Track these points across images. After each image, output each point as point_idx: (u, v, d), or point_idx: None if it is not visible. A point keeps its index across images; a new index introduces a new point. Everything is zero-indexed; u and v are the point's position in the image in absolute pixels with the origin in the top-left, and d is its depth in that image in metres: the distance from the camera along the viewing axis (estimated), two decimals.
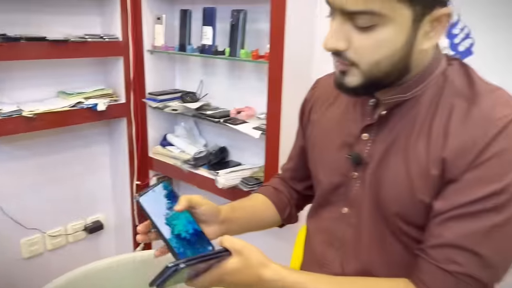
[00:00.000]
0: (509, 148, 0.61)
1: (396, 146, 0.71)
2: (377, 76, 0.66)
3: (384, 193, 0.71)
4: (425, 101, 0.69)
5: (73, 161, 2.26)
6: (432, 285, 0.65)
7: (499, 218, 0.61)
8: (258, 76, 1.92)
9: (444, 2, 0.62)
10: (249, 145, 2.03)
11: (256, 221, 0.94)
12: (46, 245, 2.23)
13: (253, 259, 0.66)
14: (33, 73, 2.01)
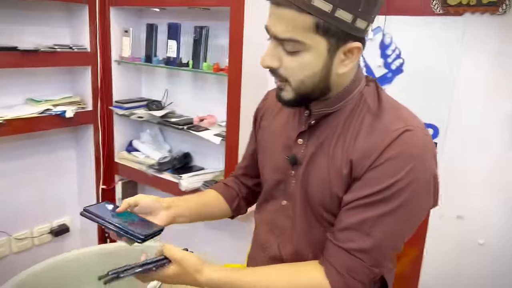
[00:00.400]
0: (399, 154, 0.76)
1: (321, 149, 0.87)
2: (304, 92, 0.81)
3: (311, 188, 0.88)
4: (344, 114, 0.85)
5: (41, 166, 2.34)
6: (334, 262, 0.81)
7: (387, 207, 0.76)
8: (219, 87, 2.08)
9: (355, 37, 0.77)
10: (211, 151, 2.17)
11: (206, 210, 1.07)
12: (12, 248, 2.28)
13: (189, 267, 0.81)
14: (3, 80, 2.08)
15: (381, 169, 0.77)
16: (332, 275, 0.80)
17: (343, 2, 0.72)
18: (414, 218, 0.81)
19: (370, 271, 0.79)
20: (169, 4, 1.98)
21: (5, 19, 2.03)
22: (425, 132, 0.80)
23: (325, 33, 0.74)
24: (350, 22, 0.74)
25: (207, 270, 0.83)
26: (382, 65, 1.60)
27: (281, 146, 0.96)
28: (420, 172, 0.76)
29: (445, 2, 1.43)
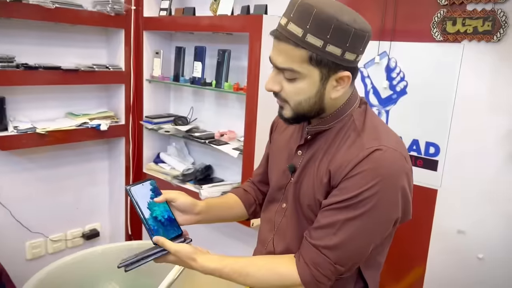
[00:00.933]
0: (368, 169, 0.86)
1: (311, 161, 1.00)
2: (301, 112, 0.95)
3: (301, 193, 1.01)
4: (334, 131, 0.98)
5: (76, 174, 2.56)
6: (305, 256, 0.93)
7: (354, 213, 0.87)
8: (239, 105, 2.24)
9: (345, 67, 0.90)
10: (230, 164, 2.33)
11: (227, 214, 1.23)
12: (48, 249, 2.50)
13: (183, 256, 0.95)
14: (46, 96, 2.32)
15: (353, 180, 0.88)
16: (301, 267, 0.92)
17: (332, 38, 0.84)
18: (378, 225, 0.91)
19: (334, 267, 0.90)
20: (196, 30, 2.18)
21: (51, 41, 2.28)
22: (396, 152, 0.90)
23: (318, 64, 0.88)
24: (339, 55, 0.87)
25: (200, 258, 0.96)
26: (387, 87, 1.72)
27: (285, 156, 1.09)
28: (385, 186, 0.87)
29: (444, 30, 1.54)
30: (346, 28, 0.84)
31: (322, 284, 0.91)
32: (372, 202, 0.86)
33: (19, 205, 2.31)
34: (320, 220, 0.92)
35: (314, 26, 0.84)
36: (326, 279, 0.91)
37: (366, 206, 0.87)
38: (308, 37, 0.85)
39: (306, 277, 0.91)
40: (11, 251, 2.32)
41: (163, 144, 2.66)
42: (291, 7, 0.88)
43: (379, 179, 0.86)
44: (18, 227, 2.33)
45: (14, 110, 2.20)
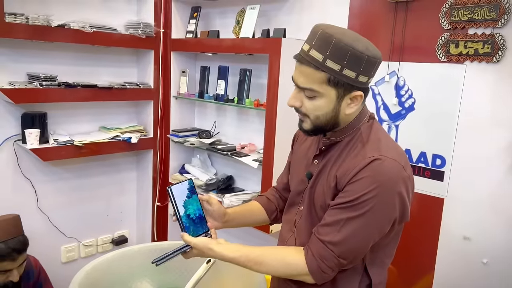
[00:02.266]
0: (368, 176, 0.99)
1: (324, 168, 1.15)
2: (319, 125, 1.10)
3: (315, 196, 1.15)
4: (344, 143, 1.13)
5: (107, 184, 2.75)
6: (313, 249, 1.06)
7: (355, 213, 1.00)
8: (259, 120, 2.40)
9: (358, 88, 1.05)
10: (251, 175, 2.48)
11: (249, 221, 1.39)
12: (81, 253, 2.68)
13: (203, 248, 1.09)
14: (82, 111, 2.54)
15: (355, 185, 1.02)
16: (309, 259, 1.05)
17: (348, 64, 0.99)
18: (377, 224, 1.04)
19: (338, 260, 1.04)
20: (220, 51, 2.37)
21: (88, 62, 2.50)
22: (394, 162, 1.03)
23: (335, 85, 1.02)
24: (354, 77, 1.01)
25: (217, 248, 1.09)
26: (397, 103, 1.86)
27: (303, 165, 1.24)
28: (383, 190, 1.00)
29: (448, 52, 1.68)
30: (360, 55, 0.98)
31: (326, 274, 1.05)
32: (371, 204, 1.00)
33: (56, 212, 2.51)
34: (326, 218, 1.06)
35: (333, 53, 0.98)
36: (330, 270, 1.04)
37: (366, 207, 1.00)
38: (328, 62, 0.99)
39: (313, 267, 1.04)
40: (49, 254, 2.51)
41: (187, 156, 2.83)
42: (313, 36, 1.02)
43: (377, 185, 0.99)
44: (55, 232, 2.52)
45: (54, 124, 2.41)
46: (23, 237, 1.67)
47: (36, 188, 2.41)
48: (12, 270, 1.62)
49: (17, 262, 1.63)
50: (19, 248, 1.62)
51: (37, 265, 1.92)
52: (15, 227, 1.68)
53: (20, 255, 1.63)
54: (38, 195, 2.43)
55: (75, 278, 1.26)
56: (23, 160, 2.34)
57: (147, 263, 1.54)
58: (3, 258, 1.58)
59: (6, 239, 1.61)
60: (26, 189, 2.38)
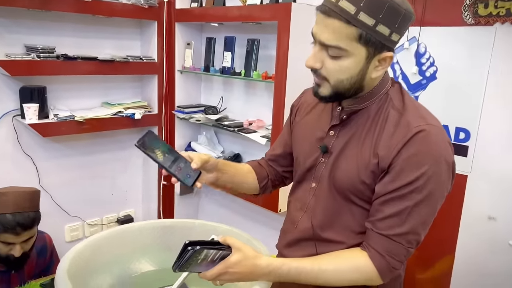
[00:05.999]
0: (421, 150, 0.86)
1: (352, 141, 0.97)
2: (340, 90, 0.92)
3: (339, 173, 1.01)
4: (372, 111, 0.96)
5: (111, 162, 2.66)
6: (377, 247, 0.93)
7: (418, 197, 0.88)
8: (268, 94, 2.27)
9: (389, 48, 0.90)
10: (259, 152, 2.36)
11: (240, 180, 1.19)
12: (85, 232, 2.62)
13: (249, 253, 0.90)
14: (83, 86, 2.43)
15: (407, 163, 0.88)
16: (376, 258, 0.92)
17: (384, 18, 0.85)
18: (438, 203, 0.93)
19: (407, 251, 0.93)
20: (226, 20, 2.23)
21: (88, 34, 2.39)
22: (442, 130, 0.92)
23: (366, 43, 0.88)
24: (387, 35, 0.87)
25: (265, 257, 0.93)
26: (416, 73, 1.71)
27: (313, 138, 1.10)
28: (440, 164, 0.88)
29: (476, 13, 1.52)
30: (398, 9, 0.85)
31: (397, 270, 0.94)
32: (432, 183, 0.88)
33: (58, 190, 2.43)
34: (384, 210, 0.93)
35: (368, 4, 0.84)
36: (399, 264, 0.93)
37: (427, 188, 0.88)
38: (361, 15, 0.84)
39: (382, 267, 0.93)
40: (52, 234, 2.43)
41: (194, 134, 2.72)
42: None
43: (431, 160, 0.88)
44: (58, 211, 2.45)
45: (54, 99, 2.31)
46: (35, 214, 1.59)
47: (37, 165, 2.34)
48: (15, 245, 1.55)
49: (20, 238, 1.55)
50: (25, 223, 1.54)
51: (51, 244, 1.85)
52: (30, 201, 1.60)
53: (25, 231, 1.55)
54: (39, 172, 2.35)
55: (65, 256, 1.16)
56: (23, 136, 2.26)
57: (147, 242, 1.44)
58: (5, 229, 1.52)
59: (15, 211, 1.53)
60: (27, 166, 2.31)
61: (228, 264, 0.90)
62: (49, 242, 1.83)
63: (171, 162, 0.99)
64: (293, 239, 1.12)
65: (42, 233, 1.79)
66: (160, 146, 0.99)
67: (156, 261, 1.46)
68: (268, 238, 1.34)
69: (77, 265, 1.18)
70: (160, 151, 0.99)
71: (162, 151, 0.99)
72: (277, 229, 1.25)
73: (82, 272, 1.14)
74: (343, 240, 1.04)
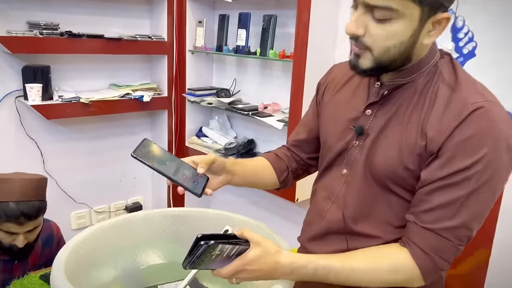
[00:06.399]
0: (478, 131, 0.73)
1: (394, 121, 0.84)
2: (385, 61, 0.78)
3: (377, 158, 0.86)
4: (419, 86, 0.82)
5: (119, 147, 2.55)
6: (420, 243, 0.79)
7: (474, 185, 0.74)
8: (285, 75, 2.12)
9: (446, 8, 0.76)
10: (274, 138, 2.23)
11: (254, 179, 1.07)
12: (92, 220, 2.52)
13: (270, 247, 0.78)
14: (90, 66, 2.31)
15: (462, 146, 0.75)
16: (419, 256, 0.79)
17: None
18: (496, 193, 0.79)
19: (457, 249, 0.78)
20: None
21: (94, 11, 2.25)
22: (502, 107, 0.78)
23: (421, 1, 0.73)
24: None
25: (287, 252, 0.81)
26: (453, 49, 1.54)
27: (345, 118, 0.96)
28: (501, 147, 0.74)
29: None
30: None
31: (443, 271, 0.80)
32: (490, 170, 0.74)
33: (64, 175, 2.33)
34: (431, 200, 0.79)
35: None
36: (446, 264, 0.80)
37: (485, 175, 0.74)
38: None
39: (426, 266, 0.80)
40: (57, 221, 2.33)
41: (205, 118, 2.59)
42: None
43: (493, 141, 0.74)
44: (64, 197, 2.35)
45: (59, 80, 2.20)
46: (40, 203, 1.48)
47: (42, 149, 2.23)
48: (18, 235, 1.45)
49: (24, 228, 1.44)
50: (29, 213, 1.43)
51: (58, 233, 1.74)
52: (36, 190, 1.48)
53: (29, 221, 1.44)
54: (44, 157, 2.24)
55: (64, 247, 1.05)
56: (26, 118, 2.15)
57: (155, 232, 1.32)
58: (8, 219, 1.41)
59: (19, 200, 1.42)
60: (31, 150, 2.20)
61: (246, 260, 0.77)
62: (56, 231, 1.72)
63: (174, 170, 0.91)
64: (320, 232, 0.99)
65: (48, 221, 1.68)
66: (159, 154, 0.92)
67: (164, 253, 1.34)
68: (284, 230, 1.21)
69: (77, 256, 1.07)
70: (160, 160, 0.90)
71: (162, 160, 0.91)
72: (294, 220, 1.11)
73: (83, 264, 1.04)
74: (379, 234, 0.90)
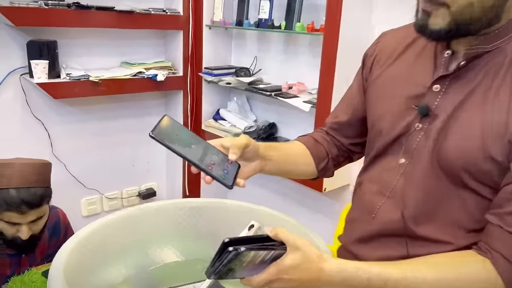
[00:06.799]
0: None
1: (472, 99, 0.68)
2: (466, 20, 0.63)
3: (450, 147, 0.69)
4: (509, 54, 0.66)
5: (132, 129, 2.39)
6: (504, 250, 0.63)
7: None
8: (313, 51, 1.93)
9: None
10: (298, 121, 2.04)
11: (291, 164, 0.91)
12: (104, 206, 2.39)
13: (311, 252, 0.64)
14: (100, 42, 2.15)
15: None
16: (502, 266, 0.64)
17: None
18: None
19: None
20: None
21: None
22: None
23: None
24: None
25: (333, 259, 0.66)
26: None
27: (404, 95, 0.78)
28: None
29: None
30: None
31: None
32: None
33: (73, 159, 2.19)
34: None
35: None
36: None
37: None
38: None
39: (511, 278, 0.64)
40: (67, 208, 2.20)
41: (223, 100, 2.42)
42: None
43: None
44: (74, 182, 2.22)
45: (66, 56, 2.04)
46: (43, 190, 1.32)
47: (49, 131, 2.09)
48: (21, 225, 1.31)
49: (26, 217, 1.30)
50: (31, 201, 1.28)
51: (65, 221, 1.60)
52: (38, 175, 1.33)
53: (31, 210, 1.30)
54: (52, 139, 2.11)
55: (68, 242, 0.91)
56: (32, 98, 2.00)
57: (169, 226, 1.17)
58: (9, 207, 1.26)
59: (20, 186, 1.28)
60: (38, 132, 2.06)
61: (283, 268, 0.64)
62: (63, 219, 1.58)
63: (200, 155, 0.75)
64: (370, 233, 0.82)
65: (54, 208, 1.54)
66: (183, 135, 0.75)
67: (180, 250, 1.18)
68: (310, 223, 1.03)
69: (81, 254, 0.93)
70: (184, 142, 0.74)
71: (186, 141, 0.74)
72: (321, 212, 0.93)
73: (88, 263, 0.90)
74: (449, 239, 0.72)
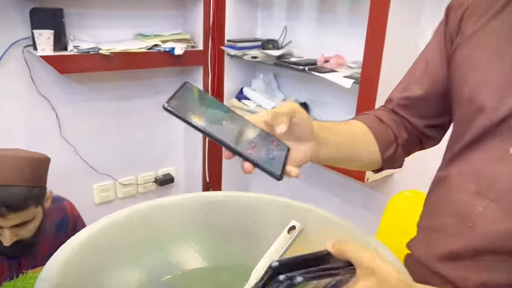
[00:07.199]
0: None
1: None
2: None
3: None
4: None
5: (147, 109, 2.19)
6: None
7: None
8: (353, 19, 1.67)
9: None
10: (335, 100, 1.81)
11: (350, 150, 0.70)
12: (117, 193, 2.21)
13: (389, 277, 0.47)
14: (112, 12, 1.93)
15: None
16: None
17: None
18: None
19: None
20: None
21: None
22: None
23: None
24: None
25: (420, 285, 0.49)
26: None
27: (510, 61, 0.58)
28: None
29: None
30: None
31: None
32: None
33: (83, 142, 2.00)
34: None
35: None
36: None
37: None
38: None
39: None
40: (79, 194, 2.02)
41: (247, 77, 2.19)
42: None
43: None
44: (84, 167, 2.04)
45: (74, 27, 1.83)
46: (27, 191, 1.11)
47: (57, 111, 1.90)
48: (3, 229, 1.10)
49: (7, 221, 1.08)
50: (10, 203, 1.07)
51: (74, 213, 1.40)
52: (22, 172, 1.11)
53: (13, 213, 1.08)
54: (60, 119, 1.91)
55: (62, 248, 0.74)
56: (37, 73, 1.81)
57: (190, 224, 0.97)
58: None
59: None
60: (45, 111, 1.87)
61: None
62: (71, 212, 1.38)
63: (235, 134, 0.53)
64: (464, 247, 0.60)
65: (60, 200, 1.35)
66: (211, 107, 0.54)
67: (205, 252, 0.99)
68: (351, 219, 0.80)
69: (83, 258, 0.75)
70: (212, 117, 0.53)
71: (215, 117, 0.53)
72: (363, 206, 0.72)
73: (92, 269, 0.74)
74: None
